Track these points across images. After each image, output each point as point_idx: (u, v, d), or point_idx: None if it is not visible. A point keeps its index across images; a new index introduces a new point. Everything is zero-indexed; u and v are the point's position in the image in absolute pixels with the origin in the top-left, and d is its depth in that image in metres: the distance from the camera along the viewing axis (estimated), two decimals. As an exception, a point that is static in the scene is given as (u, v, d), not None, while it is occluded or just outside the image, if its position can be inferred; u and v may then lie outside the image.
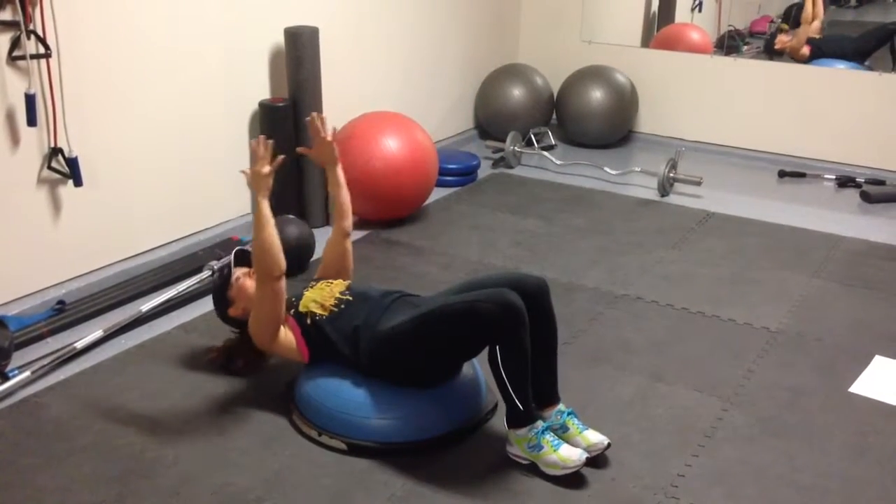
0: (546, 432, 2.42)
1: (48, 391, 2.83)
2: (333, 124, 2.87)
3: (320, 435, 2.57)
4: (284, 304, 2.61)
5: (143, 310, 3.25)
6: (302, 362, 2.68)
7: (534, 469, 2.44)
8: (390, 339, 2.49)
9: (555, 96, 5.77)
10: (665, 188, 4.79)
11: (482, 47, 5.72)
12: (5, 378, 2.81)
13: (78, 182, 3.27)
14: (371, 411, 2.52)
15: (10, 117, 3.07)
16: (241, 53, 3.96)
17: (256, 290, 2.57)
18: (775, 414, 2.77)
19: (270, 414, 2.71)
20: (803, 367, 3.05)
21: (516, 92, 5.55)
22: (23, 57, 3.03)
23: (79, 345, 3.02)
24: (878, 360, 3.10)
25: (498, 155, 5.33)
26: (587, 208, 4.60)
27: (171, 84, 3.64)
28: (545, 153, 5.29)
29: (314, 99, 4.06)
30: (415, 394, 2.55)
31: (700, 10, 6.31)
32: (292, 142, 3.91)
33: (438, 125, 5.38)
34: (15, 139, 3.11)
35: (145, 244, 3.68)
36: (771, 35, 6.06)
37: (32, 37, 3.04)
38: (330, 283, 2.74)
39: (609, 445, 2.48)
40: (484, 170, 5.14)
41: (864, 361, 3.09)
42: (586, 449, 2.44)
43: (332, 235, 2.91)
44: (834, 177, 5.10)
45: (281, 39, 4.06)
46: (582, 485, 2.40)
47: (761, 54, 6.04)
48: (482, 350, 2.47)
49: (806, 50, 5.72)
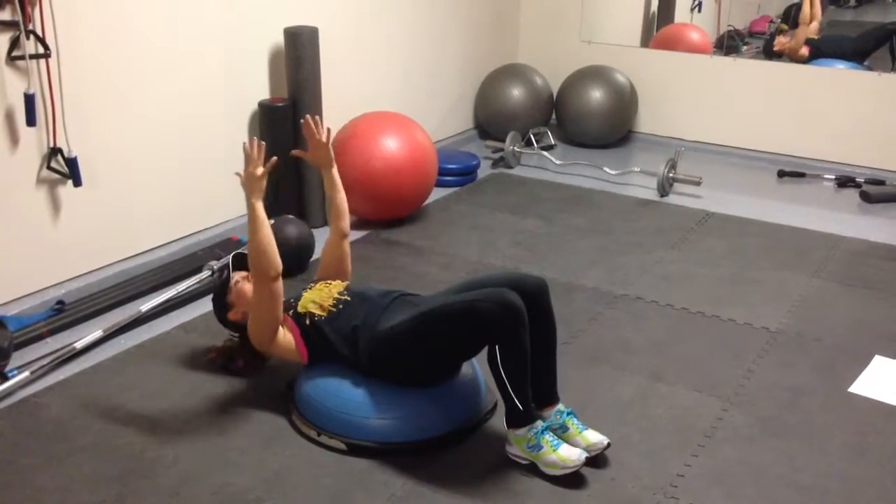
0: (545, 432, 2.42)
1: (48, 391, 2.83)
2: (329, 125, 2.86)
3: (320, 435, 2.57)
4: (282, 305, 2.60)
5: (143, 310, 3.25)
6: (301, 363, 2.68)
7: (533, 469, 2.44)
8: (389, 339, 2.49)
9: (554, 96, 5.76)
10: (665, 188, 4.79)
11: (482, 47, 5.71)
12: (5, 378, 2.81)
13: (77, 182, 3.27)
14: (371, 411, 2.52)
15: (10, 117, 3.07)
16: (241, 53, 3.96)
17: (254, 292, 2.57)
18: (775, 414, 2.77)
19: (270, 414, 2.71)
20: (803, 367, 3.05)
21: (516, 92, 5.55)
22: (22, 57, 3.03)
23: (78, 345, 3.02)
24: (878, 360, 3.10)
25: (497, 155, 5.33)
26: (587, 208, 4.60)
27: (171, 84, 3.64)
28: (545, 153, 5.28)
29: (314, 99, 4.06)
30: (414, 394, 2.55)
31: (699, 10, 6.30)
32: (292, 142, 3.91)
33: (438, 125, 5.38)
34: (14, 139, 3.11)
35: (145, 244, 3.68)
36: (770, 36, 6.06)
37: (32, 37, 3.04)
38: (328, 284, 2.74)
39: (609, 445, 2.48)
40: (483, 170, 5.14)
41: (864, 361, 3.09)
42: (586, 449, 2.44)
43: (330, 237, 2.91)
44: (834, 177, 5.10)
45: (280, 39, 4.06)
46: (581, 485, 2.40)
47: (760, 54, 6.04)
48: (482, 350, 2.47)
49: (805, 51, 5.72)
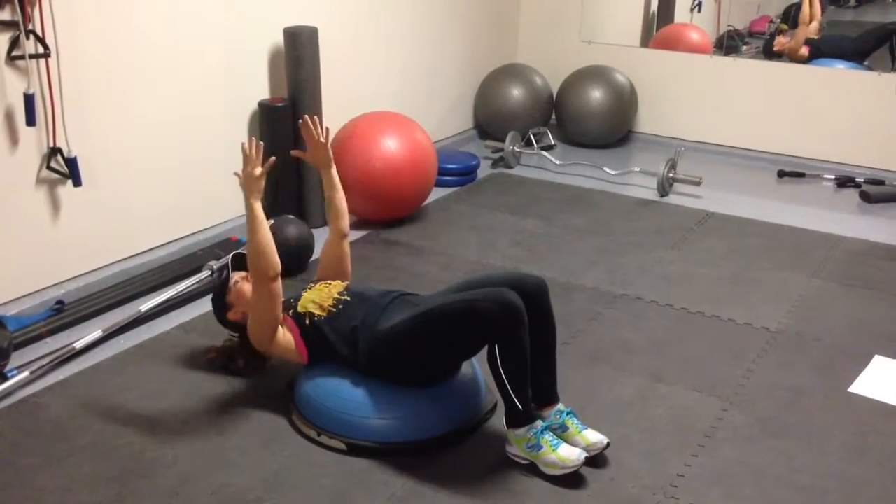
0: (545, 432, 2.41)
1: (47, 391, 2.83)
2: (328, 125, 2.86)
3: (320, 435, 2.57)
4: (281, 305, 2.60)
5: (143, 310, 3.25)
6: (301, 363, 2.68)
7: (533, 469, 2.44)
8: (389, 339, 2.49)
9: (554, 96, 5.76)
10: (664, 188, 4.79)
11: (481, 47, 5.71)
12: (4, 378, 2.81)
13: (77, 182, 3.27)
14: (370, 411, 2.52)
15: (10, 117, 3.07)
16: (241, 53, 3.96)
17: (253, 292, 2.57)
18: (775, 414, 2.77)
19: (270, 414, 2.71)
20: (803, 367, 3.05)
21: (516, 92, 5.55)
22: (22, 57, 3.02)
23: (78, 345, 3.02)
24: (878, 360, 3.10)
25: (497, 155, 5.33)
26: (586, 208, 4.60)
27: (171, 84, 3.64)
28: (544, 153, 5.28)
29: (313, 99, 4.06)
30: (414, 394, 2.55)
31: (699, 10, 6.30)
32: (291, 142, 3.91)
33: (438, 125, 5.38)
34: (14, 139, 3.10)
35: (144, 244, 3.68)
36: (770, 36, 6.06)
37: (31, 36, 3.03)
38: (328, 284, 2.74)
39: (608, 445, 2.48)
40: (483, 170, 5.13)
41: (864, 361, 3.09)
42: (585, 448, 2.44)
43: (330, 237, 2.91)
44: (833, 177, 5.10)
45: (280, 39, 4.06)
46: (581, 485, 2.40)
47: (760, 54, 6.04)
48: (481, 349, 2.47)
49: (805, 51, 5.72)
